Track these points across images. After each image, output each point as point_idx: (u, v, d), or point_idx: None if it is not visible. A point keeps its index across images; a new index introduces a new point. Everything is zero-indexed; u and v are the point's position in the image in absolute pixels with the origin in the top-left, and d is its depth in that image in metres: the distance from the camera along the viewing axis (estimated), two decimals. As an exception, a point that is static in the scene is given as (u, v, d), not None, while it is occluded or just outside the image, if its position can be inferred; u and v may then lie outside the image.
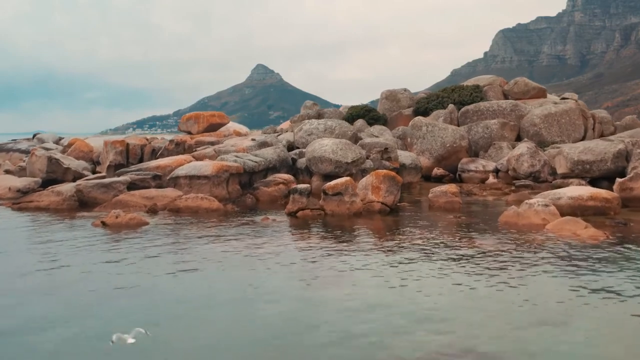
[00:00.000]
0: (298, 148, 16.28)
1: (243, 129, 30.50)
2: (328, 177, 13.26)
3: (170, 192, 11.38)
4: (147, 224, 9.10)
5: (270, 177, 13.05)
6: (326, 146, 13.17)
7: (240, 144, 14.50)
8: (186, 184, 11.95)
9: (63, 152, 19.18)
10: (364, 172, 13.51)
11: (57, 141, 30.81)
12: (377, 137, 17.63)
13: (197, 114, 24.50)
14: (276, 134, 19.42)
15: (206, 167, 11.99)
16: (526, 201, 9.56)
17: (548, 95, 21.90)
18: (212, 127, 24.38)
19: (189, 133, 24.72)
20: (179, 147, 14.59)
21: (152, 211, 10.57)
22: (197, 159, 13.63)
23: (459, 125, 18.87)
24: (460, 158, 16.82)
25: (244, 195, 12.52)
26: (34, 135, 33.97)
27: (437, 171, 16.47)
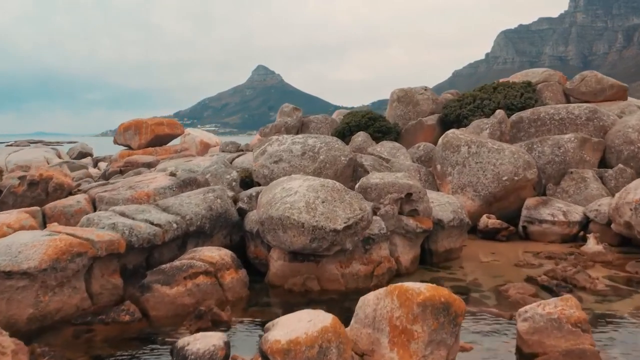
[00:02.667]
0: (259, 184, 9.86)
1: (212, 138, 24.17)
2: (299, 255, 6.85)
3: None
4: None
5: (186, 257, 6.58)
6: (295, 194, 6.71)
7: (145, 186, 8.01)
8: (-17, 288, 5.49)
9: None
10: (369, 242, 7.07)
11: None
12: (387, 161, 11.19)
13: (138, 121, 18.07)
14: (236, 155, 12.98)
15: (34, 247, 5.55)
16: None
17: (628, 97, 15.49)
18: (160, 140, 18.01)
19: (129, 148, 18.32)
20: (35, 190, 8.08)
21: None
22: (52, 218, 7.15)
23: (510, 142, 12.44)
24: (523, 198, 10.40)
25: (124, 299, 6.10)
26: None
27: (489, 221, 10.00)
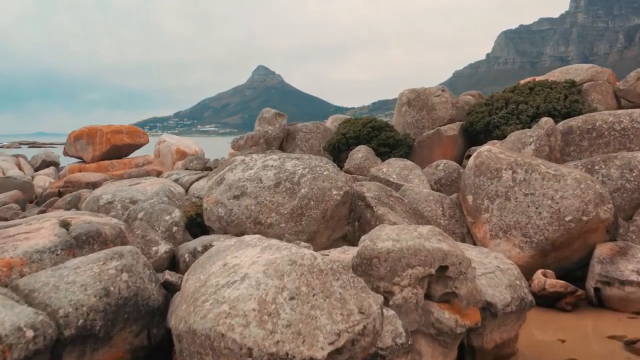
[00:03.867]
0: (213, 230, 6.80)
1: (191, 146, 20.96)
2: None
3: None
4: None
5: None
6: (243, 282, 3.66)
7: (12, 248, 4.92)
8: None
9: None
10: (377, 363, 3.96)
11: None
12: (398, 187, 8.18)
13: (91, 129, 14.97)
14: (196, 177, 9.93)
15: None
16: None
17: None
18: (118, 151, 14.91)
19: (82, 161, 15.25)
20: None
21: None
22: None
23: (556, 160, 9.43)
24: (590, 244, 7.33)
25: None
26: None
27: (547, 281, 6.93)
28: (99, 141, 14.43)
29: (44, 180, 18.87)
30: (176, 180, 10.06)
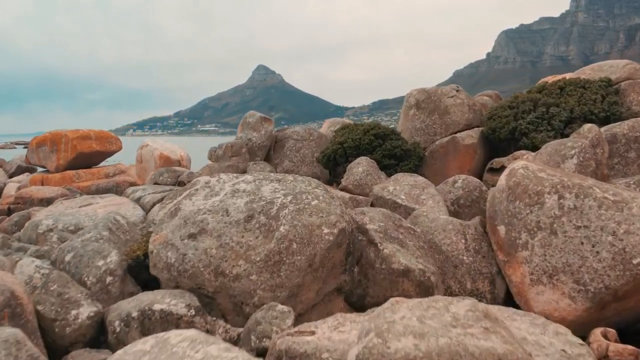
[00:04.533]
0: (160, 282, 5.05)
1: (176, 152, 19.19)
2: None
3: None
4: None
5: None
6: None
7: None
8: None
9: None
10: None
11: None
12: (409, 212, 6.49)
13: (55, 134, 13.22)
14: (161, 196, 8.22)
15: None
16: None
17: None
18: (86, 159, 13.16)
19: (46, 170, 13.52)
20: None
21: None
22: None
23: (604, 177, 7.70)
24: (662, 293, 5.57)
25: None
26: None
27: (610, 345, 5.17)
28: (63, 148, 12.70)
29: (15, 189, 17.11)
30: (138, 200, 8.35)
